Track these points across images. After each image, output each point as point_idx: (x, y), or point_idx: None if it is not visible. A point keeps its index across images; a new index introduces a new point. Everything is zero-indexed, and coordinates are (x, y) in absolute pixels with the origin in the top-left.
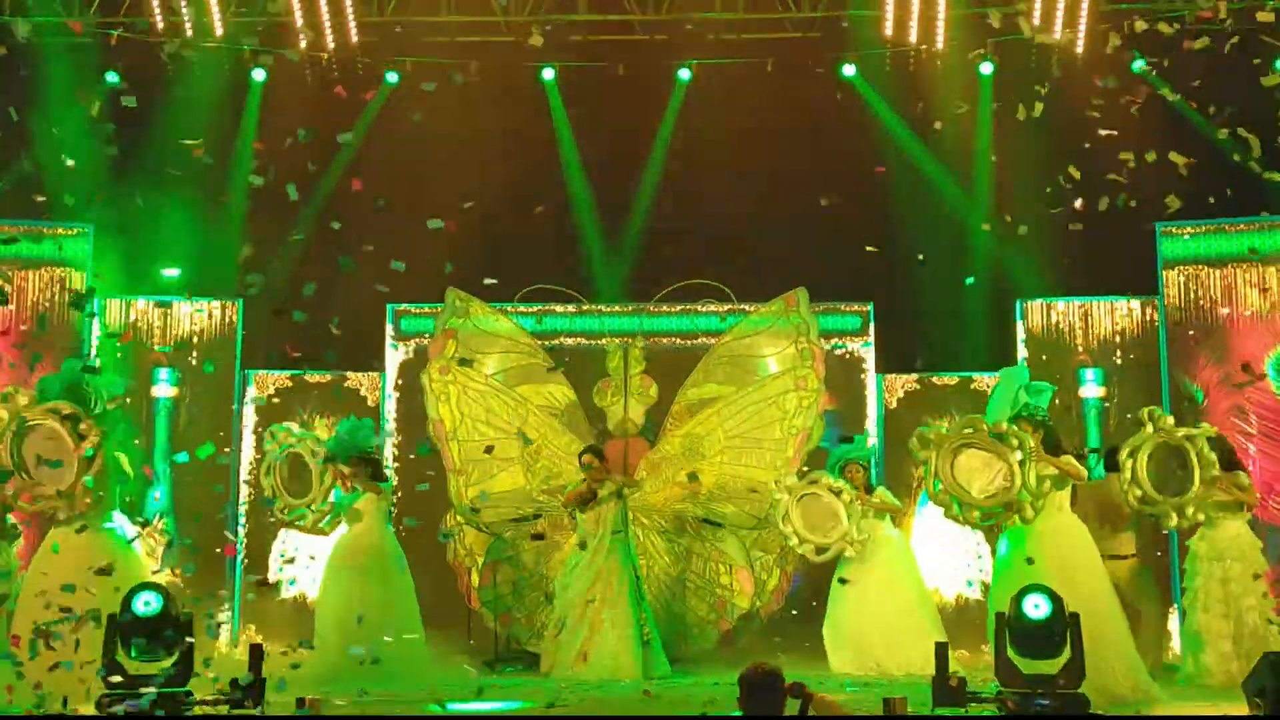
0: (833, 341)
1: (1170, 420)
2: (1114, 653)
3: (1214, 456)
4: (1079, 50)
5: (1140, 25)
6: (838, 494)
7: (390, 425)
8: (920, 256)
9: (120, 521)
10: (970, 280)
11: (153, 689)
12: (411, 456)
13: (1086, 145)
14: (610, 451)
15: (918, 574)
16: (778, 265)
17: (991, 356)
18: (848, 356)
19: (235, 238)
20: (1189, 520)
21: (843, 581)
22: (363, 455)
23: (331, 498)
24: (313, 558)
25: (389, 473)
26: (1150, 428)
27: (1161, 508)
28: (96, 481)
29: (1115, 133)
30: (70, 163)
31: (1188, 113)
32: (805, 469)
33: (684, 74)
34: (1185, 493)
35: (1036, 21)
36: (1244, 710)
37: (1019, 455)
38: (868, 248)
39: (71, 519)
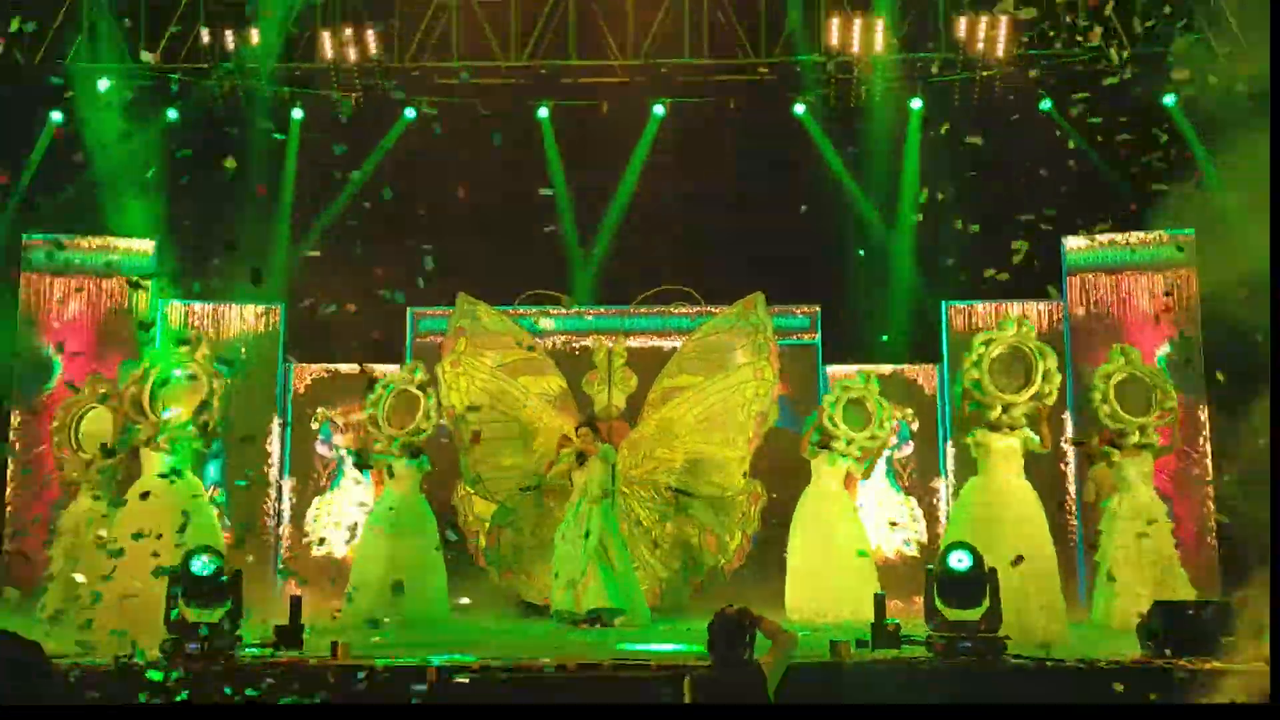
0: (789, 339)
1: (1138, 354)
2: (1041, 602)
3: (1173, 391)
4: (996, 89)
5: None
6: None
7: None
8: (860, 251)
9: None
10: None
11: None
12: (444, 440)
13: (1002, 167)
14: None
15: (863, 532)
16: (739, 273)
17: (919, 351)
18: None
19: (280, 251)
20: (1147, 438)
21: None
22: None
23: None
24: (338, 525)
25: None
26: (1122, 360)
27: (1123, 423)
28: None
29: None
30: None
31: (1081, 143)
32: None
33: (659, 110)
34: (1146, 415)
35: (961, 62)
36: (1137, 651)
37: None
38: (859, 251)
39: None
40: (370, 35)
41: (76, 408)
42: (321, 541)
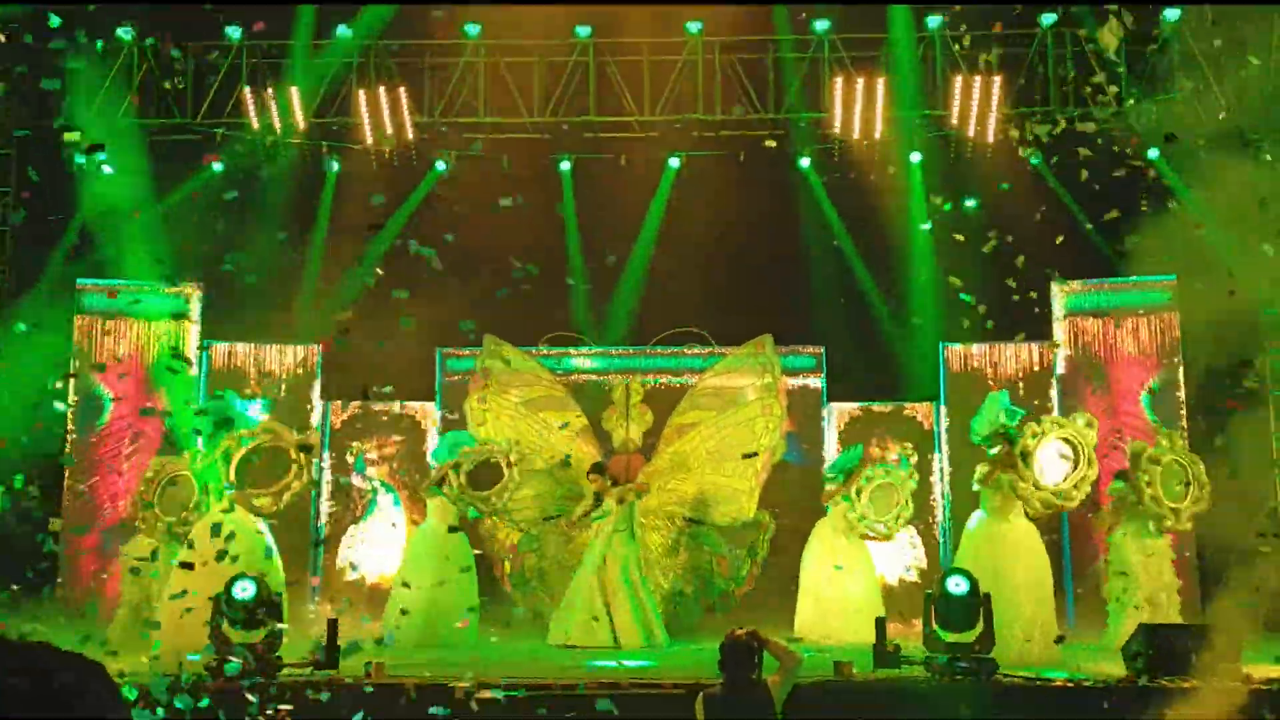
0: (798, 379)
1: (1181, 443)
2: (1037, 629)
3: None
4: (990, 143)
5: (1041, 128)
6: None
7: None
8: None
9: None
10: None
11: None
12: None
13: (994, 217)
14: (614, 464)
15: (873, 563)
16: (748, 316)
17: (920, 390)
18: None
19: (314, 294)
20: (1180, 523)
21: (838, 568)
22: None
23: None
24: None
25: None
26: (1168, 444)
27: (1164, 509)
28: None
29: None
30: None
31: (1066, 198)
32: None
33: (673, 162)
34: (1182, 502)
35: (955, 121)
36: (1123, 670)
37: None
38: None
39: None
40: (403, 93)
41: (171, 469)
42: (354, 567)
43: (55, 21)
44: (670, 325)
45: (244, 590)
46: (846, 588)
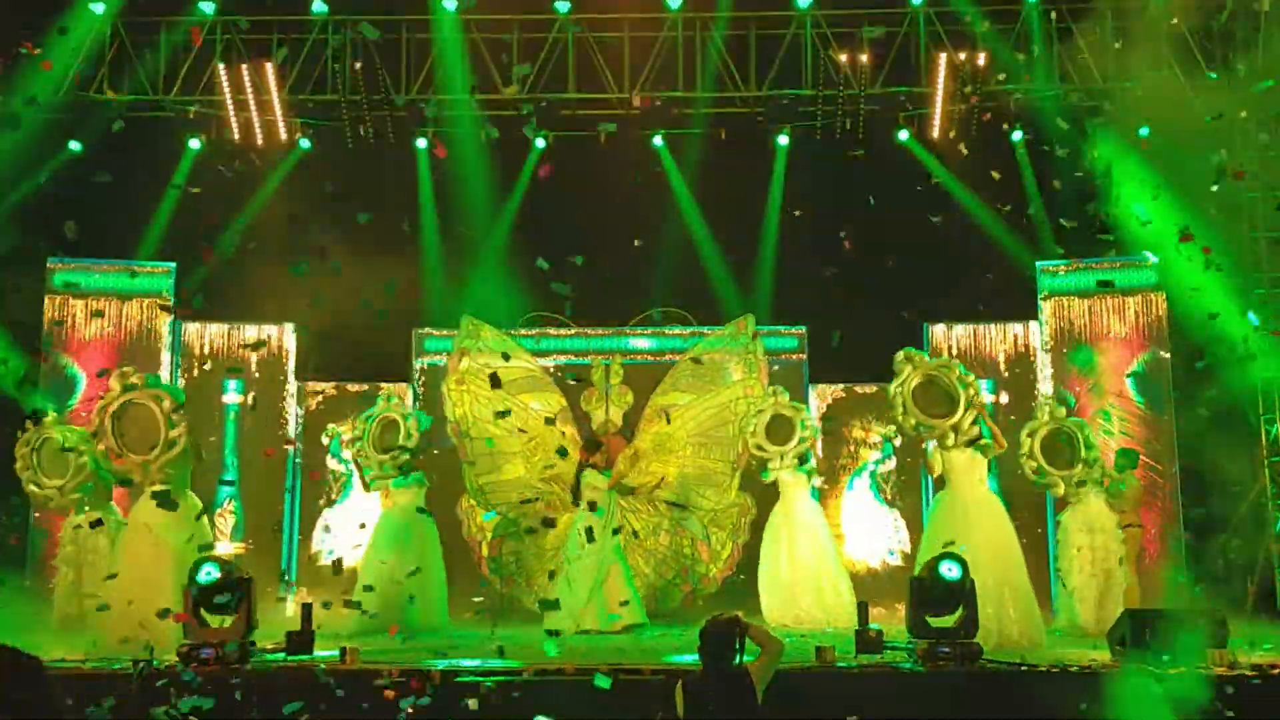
0: (780, 357)
1: (1062, 411)
2: (1015, 607)
3: (1094, 440)
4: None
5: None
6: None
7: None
8: (843, 234)
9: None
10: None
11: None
12: (435, 451)
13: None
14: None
15: (837, 542)
16: (731, 295)
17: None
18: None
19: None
20: (1072, 491)
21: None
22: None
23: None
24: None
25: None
26: (1046, 415)
27: (1051, 478)
28: (175, 462)
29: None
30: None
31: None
32: None
33: (658, 141)
34: (1072, 468)
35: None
36: (1107, 656)
37: (971, 399)
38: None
39: (144, 487)
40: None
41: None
42: (331, 552)
43: None
44: (651, 305)
45: (208, 574)
46: (808, 565)
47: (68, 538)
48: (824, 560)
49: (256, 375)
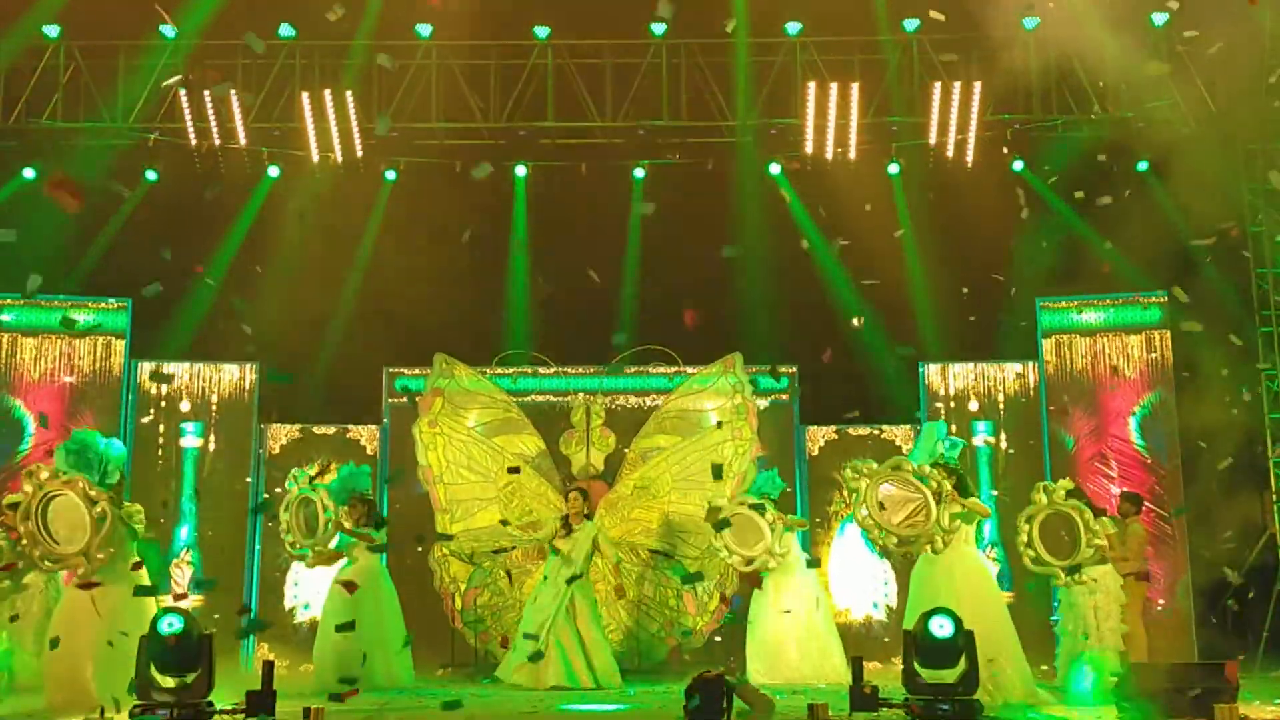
0: (769, 399)
1: (1061, 492)
2: (1009, 664)
3: (1097, 525)
4: (969, 154)
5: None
6: (760, 511)
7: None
8: (857, 321)
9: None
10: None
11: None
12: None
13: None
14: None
15: (826, 596)
16: (716, 333)
17: (899, 411)
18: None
19: (252, 308)
20: (1075, 580)
21: (788, 612)
22: (360, 497)
23: (333, 543)
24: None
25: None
26: (1044, 499)
27: (1051, 569)
28: (108, 540)
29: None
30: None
31: (1058, 205)
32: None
33: (639, 173)
34: (1073, 556)
35: (934, 132)
36: (1114, 714)
37: (935, 495)
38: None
39: (89, 574)
40: (349, 97)
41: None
42: (307, 606)
43: None
44: (634, 343)
45: (170, 625)
46: (800, 624)
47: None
48: (813, 614)
49: (215, 417)
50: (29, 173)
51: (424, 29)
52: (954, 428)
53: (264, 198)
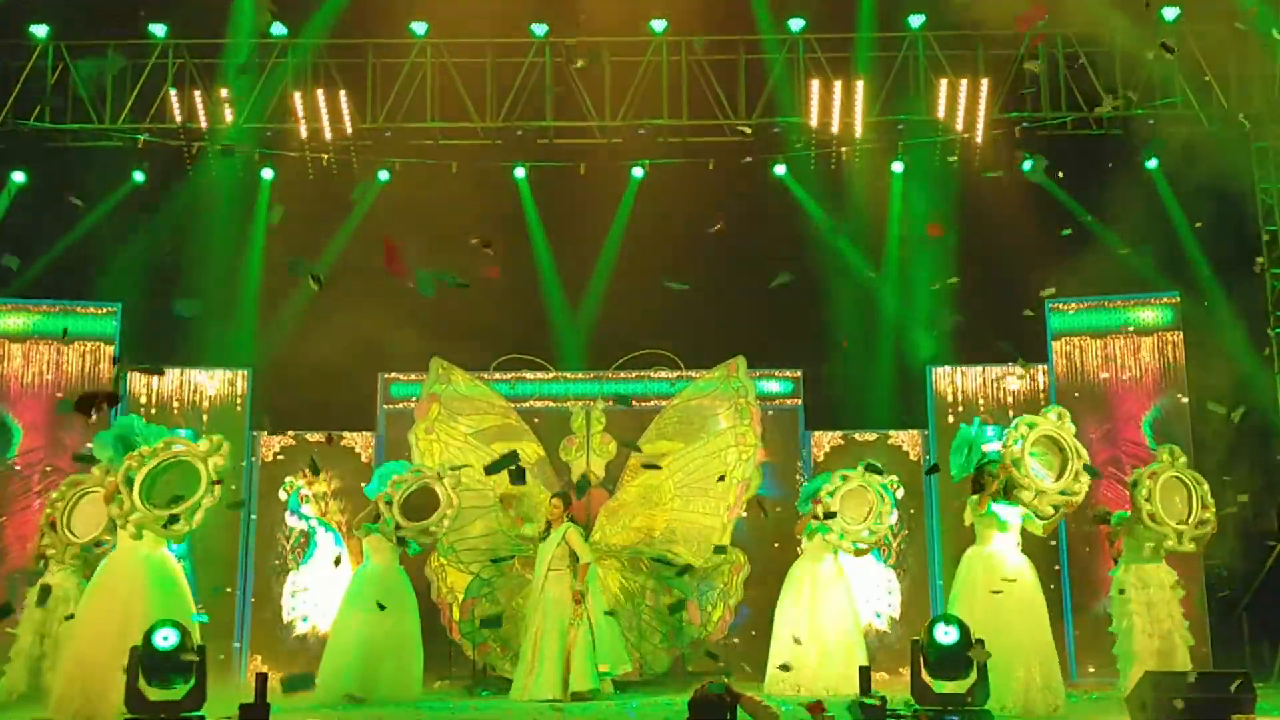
0: (774, 403)
1: (1183, 459)
2: (1037, 670)
3: (1211, 499)
4: (977, 149)
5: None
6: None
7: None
8: (843, 342)
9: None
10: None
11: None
12: None
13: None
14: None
15: (854, 604)
16: (719, 337)
17: (905, 416)
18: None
19: (246, 314)
20: (1182, 544)
21: (797, 642)
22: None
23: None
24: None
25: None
26: (1169, 458)
27: (1165, 528)
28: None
29: None
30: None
31: (1068, 204)
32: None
33: (638, 172)
34: (1184, 521)
35: (940, 126)
36: None
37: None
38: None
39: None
40: (343, 97)
41: (80, 488)
42: (305, 619)
43: None
44: (635, 347)
45: (166, 639)
46: (825, 634)
47: (24, 622)
48: (844, 624)
49: (205, 421)
50: (18, 176)
51: (419, 27)
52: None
53: (256, 198)
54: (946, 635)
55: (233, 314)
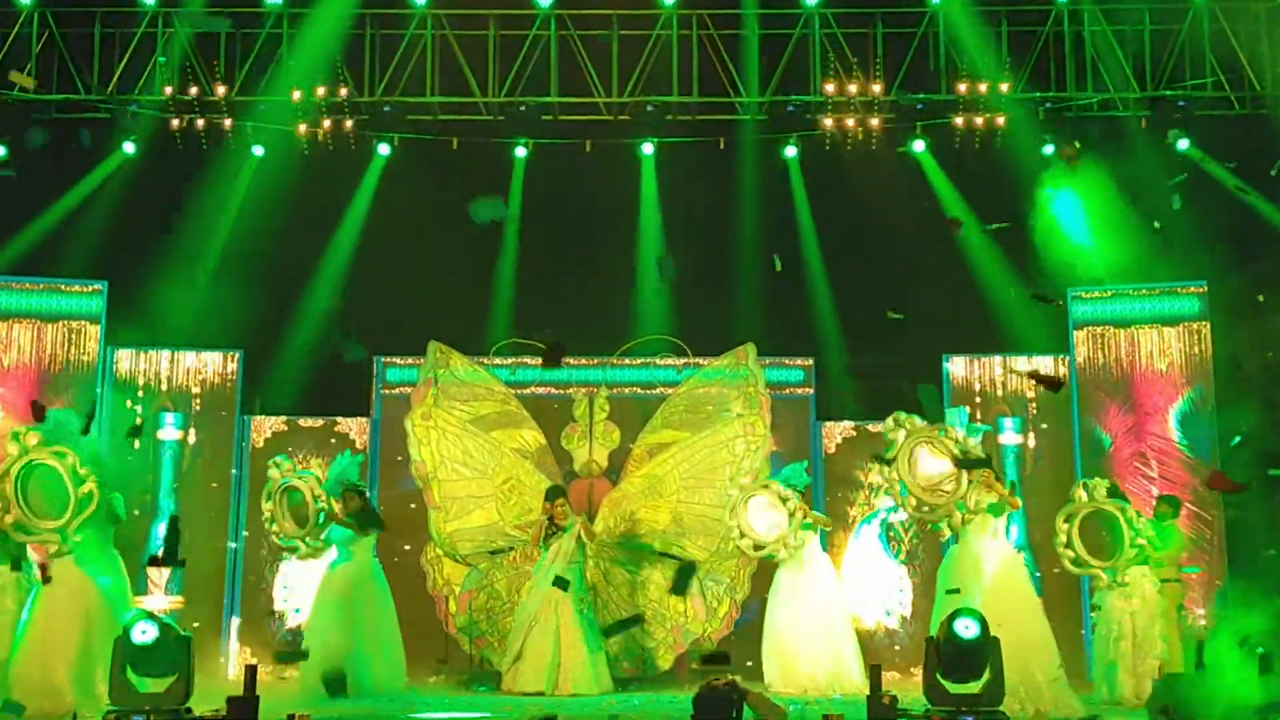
0: (784, 392)
1: (1102, 491)
2: (1040, 669)
3: (1138, 525)
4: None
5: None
6: (784, 500)
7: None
8: (897, 314)
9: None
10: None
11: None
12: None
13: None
14: (575, 490)
15: (842, 599)
16: (728, 323)
17: (921, 407)
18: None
19: (235, 294)
20: (1117, 583)
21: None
22: (353, 488)
23: (324, 535)
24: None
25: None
26: (1084, 496)
27: (1092, 570)
28: (90, 522)
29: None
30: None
31: (1094, 187)
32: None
33: (646, 149)
34: (1116, 557)
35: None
36: None
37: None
38: (889, 313)
39: (62, 553)
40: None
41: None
42: (298, 610)
43: None
44: (641, 333)
45: (144, 633)
46: (814, 631)
47: None
48: (833, 619)
49: (197, 406)
50: None
51: None
52: (978, 417)
53: (249, 175)
54: (968, 630)
55: (224, 294)
